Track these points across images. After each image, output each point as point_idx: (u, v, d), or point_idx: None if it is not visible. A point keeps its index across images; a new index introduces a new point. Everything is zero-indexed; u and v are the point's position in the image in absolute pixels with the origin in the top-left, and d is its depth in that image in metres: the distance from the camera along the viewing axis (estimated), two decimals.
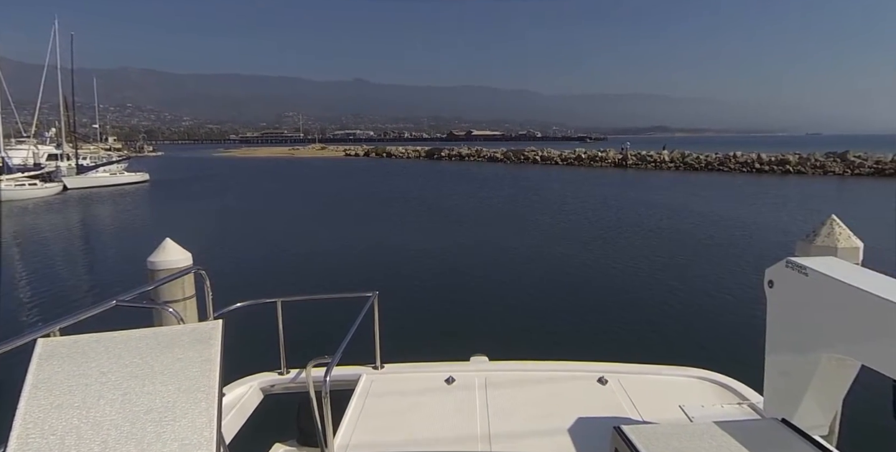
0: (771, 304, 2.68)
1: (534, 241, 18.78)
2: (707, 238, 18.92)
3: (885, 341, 2.05)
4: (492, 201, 31.29)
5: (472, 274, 14.24)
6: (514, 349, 4.36)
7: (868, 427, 5.30)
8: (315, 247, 17.98)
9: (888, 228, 20.26)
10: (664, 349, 8.61)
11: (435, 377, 3.68)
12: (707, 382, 3.63)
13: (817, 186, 38.69)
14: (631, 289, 12.87)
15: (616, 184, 42.26)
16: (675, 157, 57.72)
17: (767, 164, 50.31)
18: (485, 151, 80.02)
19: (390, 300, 9.77)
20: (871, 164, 45.69)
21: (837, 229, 4.87)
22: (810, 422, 2.60)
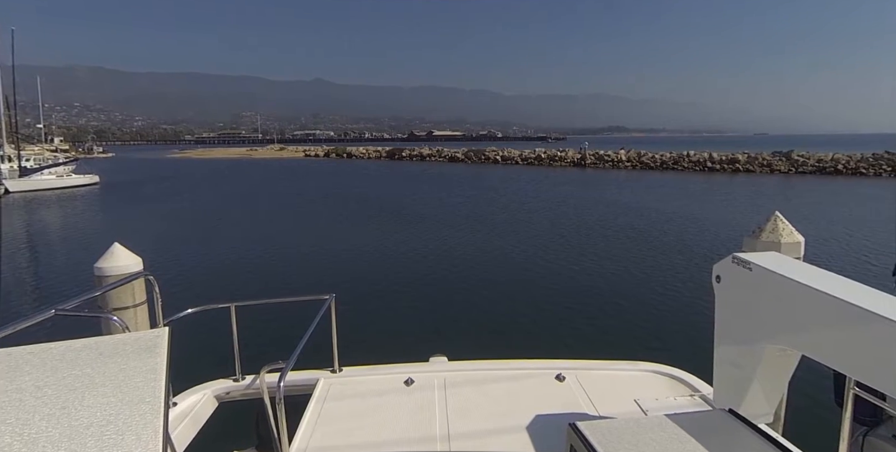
0: (718, 298, 2.77)
1: (493, 240, 18.89)
2: (661, 235, 19.44)
3: (821, 331, 2.15)
4: (451, 201, 31.36)
5: (431, 275, 14.23)
6: (474, 349, 4.39)
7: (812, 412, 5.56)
8: (271, 250, 17.66)
9: (828, 222, 21.32)
10: (620, 344, 8.80)
11: (394, 379, 3.67)
12: (661, 375, 3.73)
13: (764, 183, 40.26)
14: (588, 286, 13.09)
15: (575, 183, 43.00)
16: (632, 156, 59.15)
17: (718, 163, 52.08)
18: (446, 152, 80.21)
19: (348, 303, 9.70)
20: (813, 162, 47.91)
21: (781, 225, 5.08)
22: (757, 410, 2.70)
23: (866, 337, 1.93)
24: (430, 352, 4.12)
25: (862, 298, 1.99)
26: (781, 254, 2.68)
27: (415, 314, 10.88)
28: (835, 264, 14.54)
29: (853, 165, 45.63)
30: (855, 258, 15.40)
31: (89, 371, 1.58)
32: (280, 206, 30.06)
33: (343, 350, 3.86)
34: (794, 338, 2.31)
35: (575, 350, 4.27)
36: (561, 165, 61.90)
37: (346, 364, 3.87)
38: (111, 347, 1.72)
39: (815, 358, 2.27)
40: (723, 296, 2.74)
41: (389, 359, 3.99)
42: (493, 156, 71.18)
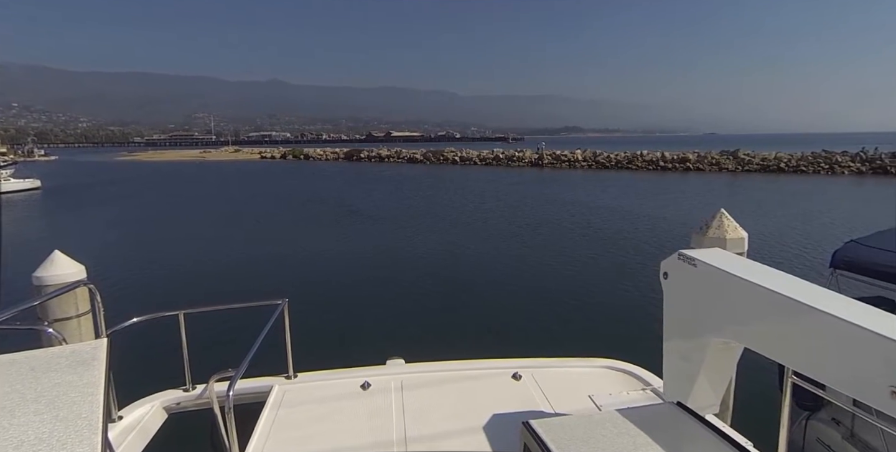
0: (666, 294, 2.85)
1: (450, 241, 18.92)
2: (615, 233, 19.89)
3: (760, 324, 2.23)
4: (409, 202, 31.28)
5: (388, 276, 14.15)
6: (432, 350, 4.38)
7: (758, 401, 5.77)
8: (223, 255, 17.23)
9: (770, 218, 22.28)
10: (576, 341, 8.96)
11: (350, 383, 3.63)
12: (614, 371, 3.81)
13: (713, 181, 41.70)
14: (543, 284, 13.27)
15: (532, 183, 43.58)
16: (588, 156, 60.35)
17: (670, 162, 53.67)
18: (404, 153, 79.96)
19: (302, 307, 9.54)
20: (758, 161, 49.94)
21: (726, 222, 5.26)
22: (704, 402, 2.79)
23: (802, 329, 2.02)
24: (388, 355, 4.09)
25: (798, 291, 2.08)
26: (724, 250, 2.77)
27: (372, 317, 10.79)
28: (776, 258, 15.20)
29: (794, 164, 47.78)
30: (795, 251, 16.14)
31: (20, 388, 1.50)
32: (233, 209, 29.38)
33: (298, 356, 3.80)
34: (737, 331, 2.39)
35: (531, 349, 4.31)
36: (519, 166, 62.58)
37: (302, 370, 3.81)
38: (44, 361, 1.63)
39: (755, 350, 2.35)
40: (670, 292, 2.81)
41: (346, 363, 3.95)
42: (451, 157, 71.38)
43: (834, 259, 5.99)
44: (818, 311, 1.91)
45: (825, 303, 1.94)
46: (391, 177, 51.13)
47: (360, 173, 58.29)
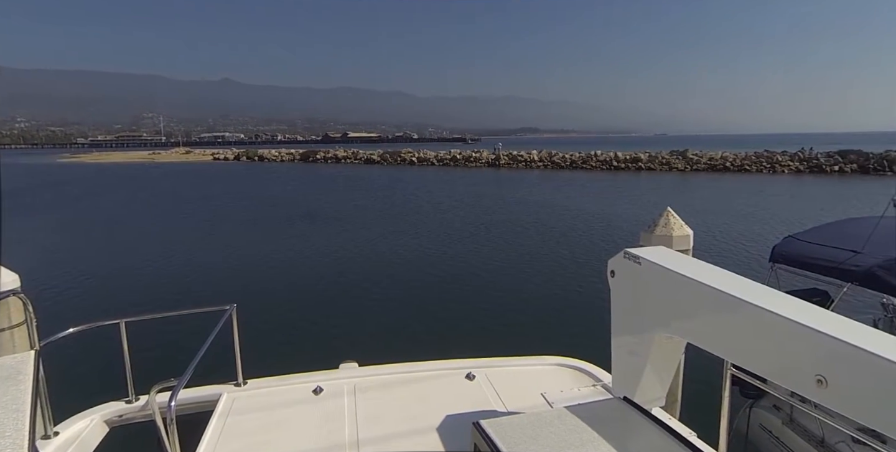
0: (613, 291, 2.91)
1: (405, 242, 18.84)
2: (569, 231, 20.25)
3: (700, 319, 2.30)
4: (365, 203, 31.04)
5: (341, 279, 13.97)
6: (386, 353, 4.35)
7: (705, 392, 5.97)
8: (169, 260, 16.67)
9: (715, 215, 23.16)
10: (529, 340, 9.06)
11: (301, 388, 3.57)
12: (566, 368, 3.87)
13: (664, 180, 43.00)
14: (498, 284, 13.35)
15: (489, 183, 43.93)
16: (544, 156, 61.26)
17: (623, 162, 55.05)
18: (361, 153, 79.35)
19: (252, 313, 9.34)
20: (705, 161, 51.82)
21: (672, 220, 5.42)
22: (651, 395, 2.86)
23: (737, 323, 2.09)
24: (341, 359, 4.04)
25: (733, 287, 2.15)
26: (668, 248, 2.85)
27: (325, 321, 10.64)
28: (721, 253, 15.80)
29: (739, 163, 49.75)
30: (738, 247, 16.82)
31: None
32: (182, 212, 28.47)
33: (248, 362, 3.71)
34: (679, 326, 2.46)
35: (486, 348, 4.33)
36: (476, 166, 62.97)
37: (252, 376, 3.72)
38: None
39: (696, 344, 2.43)
40: (616, 289, 2.88)
41: (298, 369, 3.88)
42: (408, 157, 71.25)
43: (773, 254, 6.26)
44: (751, 305, 1.98)
45: (758, 297, 2.02)
46: (347, 178, 50.64)
47: (315, 174, 57.50)
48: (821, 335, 1.74)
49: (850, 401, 1.71)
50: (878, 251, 5.25)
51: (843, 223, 6.79)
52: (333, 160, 79.09)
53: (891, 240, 5.47)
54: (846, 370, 1.69)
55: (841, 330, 1.74)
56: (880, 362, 1.58)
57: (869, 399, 1.65)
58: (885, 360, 1.57)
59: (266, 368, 3.85)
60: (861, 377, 1.65)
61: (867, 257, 5.21)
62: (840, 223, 6.83)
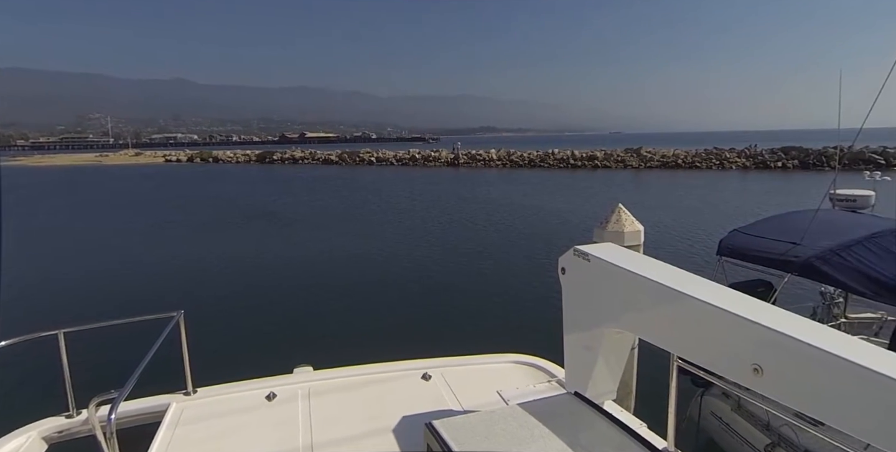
0: (564, 288, 2.95)
1: (363, 243, 18.69)
2: (526, 229, 20.49)
3: (646, 313, 2.36)
4: (322, 203, 30.68)
5: (295, 282, 13.72)
6: (342, 356, 4.29)
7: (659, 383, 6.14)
8: (113, 267, 16.00)
9: (666, 210, 23.87)
10: (486, 338, 9.10)
11: (254, 395, 3.49)
12: (522, 365, 3.91)
13: (619, 177, 44.00)
14: (456, 283, 13.37)
15: (448, 182, 44.05)
16: (502, 155, 61.81)
17: (580, 160, 56.09)
18: (319, 154, 78.35)
19: (202, 319, 9.08)
20: (658, 158, 53.33)
21: (623, 216, 5.55)
22: (602, 389, 2.91)
23: (680, 316, 2.15)
24: (295, 363, 3.98)
25: (676, 281, 2.21)
26: (615, 245, 2.91)
27: (279, 325, 10.42)
28: (672, 247, 16.26)
29: (690, 160, 51.37)
30: (688, 241, 17.36)
31: None
32: (128, 216, 27.36)
33: (198, 370, 3.60)
34: (627, 321, 2.52)
35: (442, 348, 4.34)
36: (435, 165, 63.03)
37: (202, 385, 3.62)
38: None
39: (644, 338, 2.48)
40: (567, 286, 2.92)
41: (250, 375, 3.79)
42: (367, 157, 70.75)
43: (720, 247, 6.48)
44: (691, 298, 2.04)
45: (698, 291, 2.08)
46: (305, 179, 49.92)
47: (272, 175, 56.46)
48: (756, 326, 1.80)
49: (784, 388, 1.78)
50: (815, 243, 5.50)
51: (784, 217, 7.07)
52: (291, 161, 77.82)
53: (826, 232, 5.73)
54: (779, 359, 1.75)
55: (774, 321, 1.80)
56: (810, 350, 1.64)
57: (800, 385, 1.72)
58: (814, 348, 1.63)
59: (217, 375, 3.74)
60: (792, 365, 1.72)
61: (805, 249, 5.44)
62: (781, 217, 7.12)
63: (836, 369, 1.57)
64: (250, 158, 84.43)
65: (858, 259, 5.12)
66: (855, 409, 1.57)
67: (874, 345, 1.73)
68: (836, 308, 6.92)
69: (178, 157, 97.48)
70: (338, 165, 70.60)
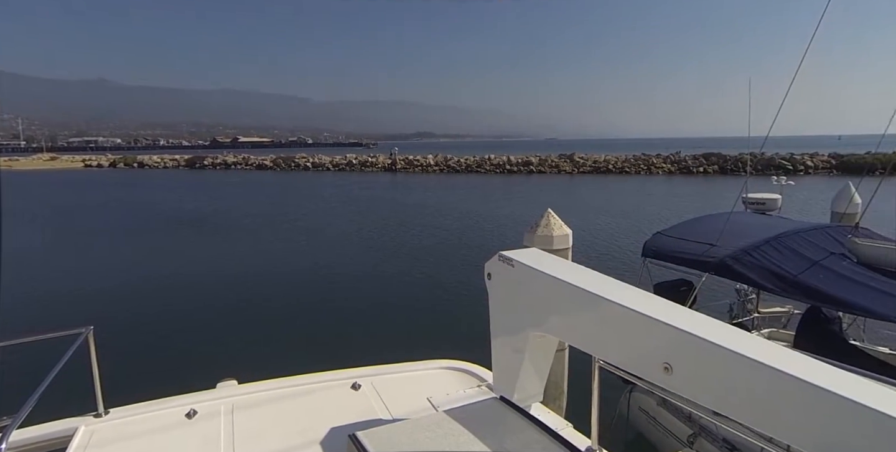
0: (490, 293, 2.98)
1: (291, 250, 18.25)
2: (460, 234, 20.66)
3: (566, 317, 2.41)
4: (253, 210, 29.72)
5: (219, 293, 13.18)
6: (269, 368, 4.16)
7: None
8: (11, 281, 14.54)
9: (598, 214, 24.75)
10: (418, 345, 9.05)
11: (173, 413, 3.31)
12: (453, 371, 3.91)
13: (553, 182, 45.22)
14: (387, 289, 13.26)
15: (385, 187, 43.88)
16: (440, 160, 62.18)
17: (516, 165, 57.22)
18: (253, 159, 76.23)
19: (114, 335, 8.54)
20: (590, 163, 55.23)
21: (552, 221, 5.70)
22: (529, 392, 2.96)
23: (597, 319, 2.21)
24: (218, 378, 3.80)
25: (594, 284, 2.27)
26: (538, 250, 2.96)
27: (201, 339, 9.98)
28: (600, 250, 16.83)
29: (620, 165, 53.49)
30: (616, 243, 18.03)
31: None
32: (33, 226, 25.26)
33: (111, 390, 3.38)
34: (550, 325, 2.57)
35: (374, 356, 4.28)
36: (373, 171, 62.64)
37: (115, 405, 3.40)
38: None
39: (566, 341, 2.54)
40: (493, 291, 2.95)
41: (170, 392, 3.60)
42: (303, 163, 69.49)
43: (644, 249, 6.76)
44: (608, 301, 2.10)
45: (615, 294, 2.15)
46: (237, 185, 48.37)
47: (202, 181, 54.31)
48: (665, 326, 1.87)
49: (691, 385, 1.86)
50: (730, 243, 5.84)
51: (703, 219, 7.46)
52: (223, 166, 75.23)
53: (739, 233, 6.10)
54: (686, 357, 1.83)
55: (683, 321, 1.88)
56: (713, 348, 1.72)
57: (706, 382, 1.80)
58: (716, 346, 1.72)
59: (133, 394, 3.53)
60: (699, 362, 1.80)
61: (720, 250, 5.77)
62: (700, 219, 7.51)
63: (736, 365, 1.66)
64: (179, 163, 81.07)
65: (766, 258, 5.47)
66: (753, 403, 1.65)
67: (772, 342, 1.85)
68: (749, 304, 7.37)
69: (99, 162, 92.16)
70: (272, 170, 68.88)
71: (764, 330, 7.11)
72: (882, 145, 6.80)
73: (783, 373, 1.54)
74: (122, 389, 3.53)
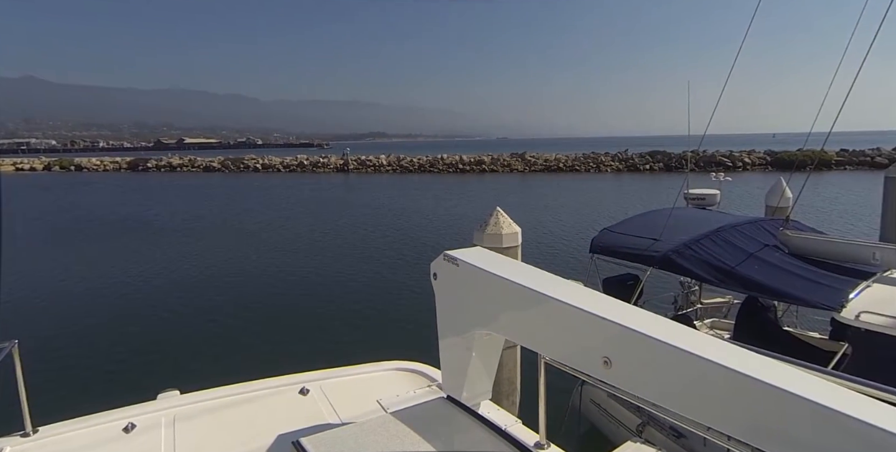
0: (437, 293, 2.97)
1: (237, 254, 17.76)
2: (413, 234, 20.63)
3: (511, 315, 2.43)
4: (199, 213, 28.84)
5: (159, 301, 12.66)
6: (214, 376, 4.02)
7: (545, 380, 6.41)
8: None
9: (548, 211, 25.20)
10: (368, 347, 9.00)
11: (109, 427, 3.15)
12: (403, 372, 3.88)
13: (505, 181, 45.72)
14: (337, 292, 13.06)
15: (337, 188, 43.36)
16: (392, 160, 61.89)
17: (468, 164, 57.53)
18: (200, 161, 73.75)
19: (42, 348, 8.08)
20: (541, 162, 56.08)
21: (501, 219, 5.74)
22: (477, 390, 2.96)
23: (541, 317, 2.23)
24: (160, 389, 3.65)
25: (536, 282, 2.29)
26: (483, 248, 2.97)
27: (141, 348, 9.56)
28: (550, 247, 17.11)
29: (570, 164, 54.58)
30: (566, 240, 18.38)
31: None
32: None
33: (40, 407, 3.19)
34: (494, 323, 2.58)
35: (323, 360, 4.20)
36: (325, 172, 61.77)
37: (45, 423, 3.21)
38: None
39: (511, 339, 2.56)
40: (439, 291, 2.94)
41: (107, 406, 3.43)
42: (252, 164, 67.78)
43: (592, 246, 6.91)
44: (550, 298, 2.13)
45: (557, 291, 2.17)
46: (183, 187, 46.74)
47: (145, 184, 52.24)
48: (604, 321, 1.91)
49: (630, 378, 1.90)
50: (672, 238, 6.03)
51: (647, 215, 7.69)
52: (168, 169, 72.51)
53: (681, 228, 6.31)
54: (624, 351, 1.87)
55: (620, 316, 1.92)
56: (648, 341, 1.77)
57: (642, 374, 1.84)
58: (652, 339, 1.76)
59: (65, 410, 3.34)
60: (635, 355, 1.84)
61: (663, 244, 5.95)
62: (644, 215, 7.73)
63: (669, 357, 1.70)
64: (120, 166, 77.60)
65: (705, 251, 5.68)
66: (687, 393, 1.70)
67: (703, 334, 1.91)
68: (692, 296, 7.65)
69: (32, 165, 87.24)
70: (220, 172, 66.90)
71: (707, 320, 7.40)
72: (809, 143, 7.17)
73: (714, 363, 1.59)
74: (54, 406, 3.36)
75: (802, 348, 5.52)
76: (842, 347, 4.55)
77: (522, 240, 5.98)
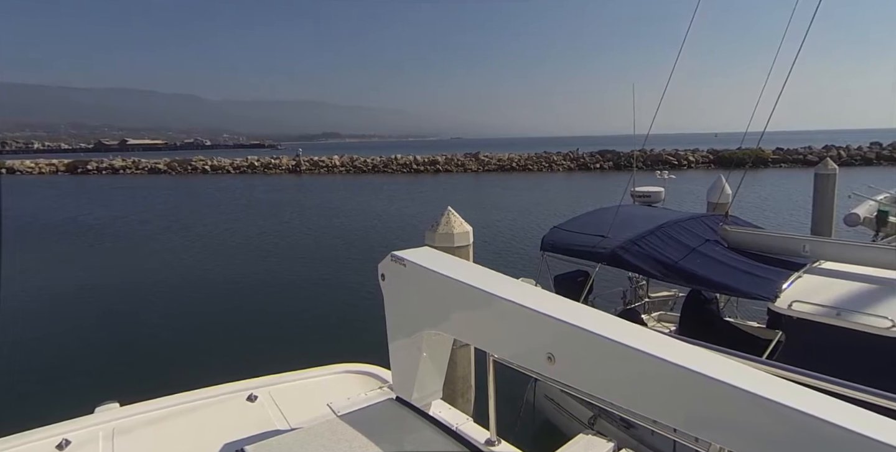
0: (385, 294, 2.95)
1: (181, 259, 17.21)
2: (365, 234, 20.49)
3: (459, 315, 2.43)
4: (142, 217, 27.78)
5: (93, 308, 12.17)
6: (156, 387, 3.87)
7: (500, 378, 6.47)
8: None
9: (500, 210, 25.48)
10: (318, 350, 8.87)
11: (40, 446, 2.99)
12: (353, 374, 3.84)
13: (459, 181, 45.94)
14: (284, 296, 12.83)
15: (288, 190, 42.55)
16: (346, 161, 61.22)
17: (422, 164, 57.53)
18: (144, 163, 70.91)
19: None
20: (495, 162, 56.61)
21: (452, 218, 5.76)
22: (428, 390, 2.96)
23: (487, 316, 2.25)
24: (98, 402, 3.49)
25: (484, 281, 2.30)
26: (431, 248, 2.97)
27: (75, 360, 9.16)
28: (502, 246, 17.29)
29: (523, 163, 55.31)
30: (517, 239, 18.61)
31: None
32: None
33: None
34: (443, 323, 2.58)
35: (272, 366, 4.11)
36: (276, 173, 60.56)
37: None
38: None
39: (460, 339, 2.56)
40: (387, 292, 2.92)
41: (39, 423, 3.25)
42: (201, 166, 65.76)
43: (542, 243, 7.01)
44: (496, 297, 2.14)
45: (503, 289, 2.19)
46: (125, 191, 44.84)
47: (83, 188, 49.87)
48: (548, 318, 1.94)
49: (573, 373, 1.94)
50: (619, 235, 6.19)
51: (596, 212, 7.86)
52: (110, 171, 69.46)
53: (627, 225, 6.48)
54: (566, 347, 1.90)
55: (564, 312, 1.95)
56: (588, 336, 1.80)
57: (584, 369, 1.88)
58: (592, 334, 1.79)
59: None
60: (576, 351, 1.87)
61: (610, 241, 6.10)
62: (593, 213, 7.90)
63: (609, 351, 1.74)
64: (57, 169, 73.87)
65: (650, 247, 5.86)
66: (628, 387, 1.75)
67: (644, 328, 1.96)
68: (640, 290, 7.88)
69: None
70: (167, 174, 64.58)
71: (654, 313, 7.63)
72: (745, 141, 7.50)
73: (652, 357, 1.63)
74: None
75: (742, 337, 5.76)
76: (777, 335, 4.77)
77: (474, 239, 6.02)
